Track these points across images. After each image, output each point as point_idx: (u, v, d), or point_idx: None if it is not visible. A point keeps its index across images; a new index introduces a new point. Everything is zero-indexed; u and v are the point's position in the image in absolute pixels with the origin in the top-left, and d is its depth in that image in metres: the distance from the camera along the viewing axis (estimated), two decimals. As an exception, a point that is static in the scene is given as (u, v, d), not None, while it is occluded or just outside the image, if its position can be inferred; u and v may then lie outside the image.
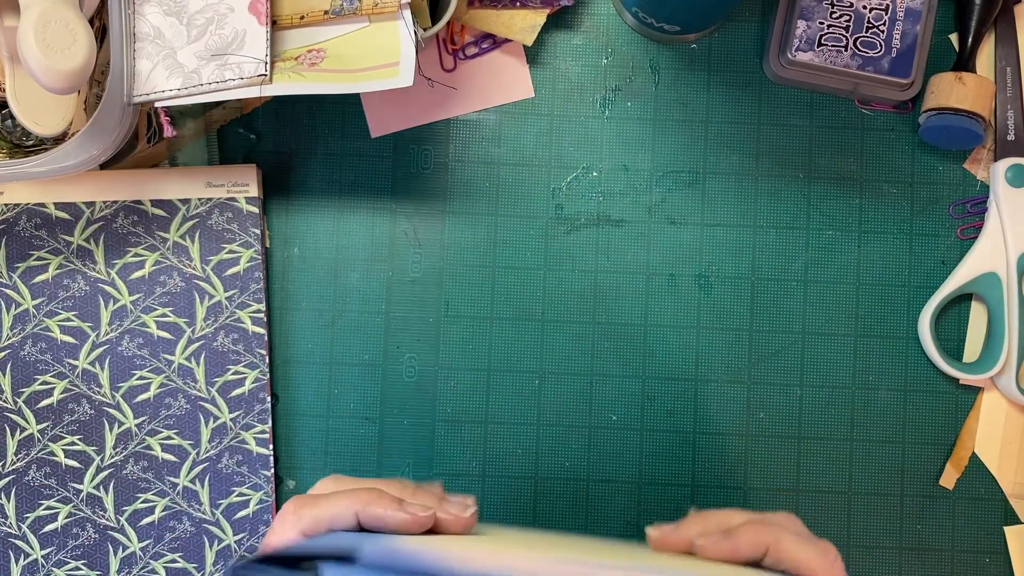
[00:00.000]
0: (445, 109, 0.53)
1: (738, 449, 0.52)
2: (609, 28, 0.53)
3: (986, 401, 0.52)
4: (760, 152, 0.53)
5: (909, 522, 0.52)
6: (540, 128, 0.53)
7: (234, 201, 0.51)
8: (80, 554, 0.51)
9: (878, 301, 0.52)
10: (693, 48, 0.53)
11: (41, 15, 0.40)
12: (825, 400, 0.52)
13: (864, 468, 0.52)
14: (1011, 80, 0.52)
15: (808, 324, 0.52)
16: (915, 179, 0.53)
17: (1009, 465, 0.52)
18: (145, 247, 0.51)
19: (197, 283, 0.51)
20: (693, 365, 0.52)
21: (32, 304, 0.51)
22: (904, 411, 0.52)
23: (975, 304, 0.53)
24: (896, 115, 0.53)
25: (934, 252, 0.53)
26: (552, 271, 0.53)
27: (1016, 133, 0.52)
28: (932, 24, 0.50)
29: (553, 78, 0.53)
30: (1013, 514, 0.52)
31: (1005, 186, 0.51)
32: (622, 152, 0.53)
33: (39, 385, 0.51)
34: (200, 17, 0.45)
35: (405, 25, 0.45)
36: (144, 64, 0.44)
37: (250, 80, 0.44)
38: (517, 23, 0.51)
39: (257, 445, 0.51)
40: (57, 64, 0.40)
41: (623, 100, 0.53)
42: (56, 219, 0.51)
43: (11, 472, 0.51)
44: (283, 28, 0.46)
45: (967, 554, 0.52)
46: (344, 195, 0.53)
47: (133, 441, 0.51)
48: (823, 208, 0.53)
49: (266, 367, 0.51)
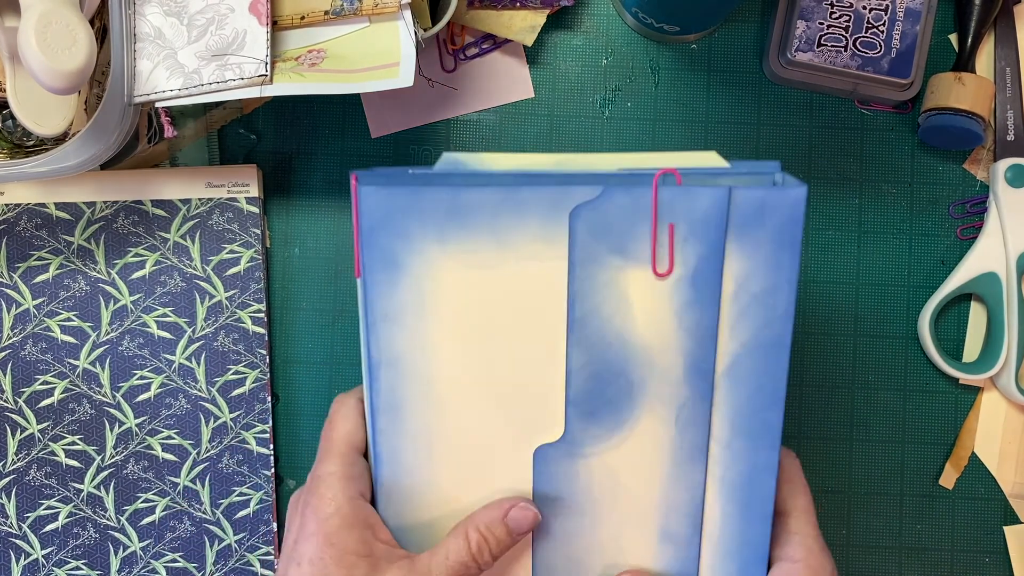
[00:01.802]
0: (445, 109, 0.53)
1: (738, 449, 0.52)
2: (609, 28, 0.53)
3: (986, 401, 0.52)
4: (760, 152, 0.53)
5: (909, 522, 0.52)
6: (540, 128, 0.53)
7: (235, 201, 0.51)
8: (81, 554, 0.51)
9: (878, 301, 0.53)
10: (693, 48, 0.53)
11: (42, 15, 0.40)
12: (825, 400, 0.52)
13: (864, 468, 0.52)
14: (1011, 80, 0.52)
15: (808, 324, 0.52)
16: (915, 179, 0.53)
17: (1009, 465, 0.52)
18: (146, 247, 0.51)
19: (198, 283, 0.51)
20: (693, 365, 0.52)
21: (33, 304, 0.51)
22: (904, 411, 0.52)
23: (975, 304, 0.53)
24: (896, 115, 0.53)
25: (934, 252, 0.53)
26: (552, 271, 0.53)
27: (1016, 133, 0.52)
28: (932, 24, 0.51)
29: (553, 78, 0.53)
30: (1013, 514, 0.52)
31: (1005, 186, 0.51)
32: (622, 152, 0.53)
33: (40, 385, 0.51)
34: (201, 17, 0.45)
35: (405, 25, 0.45)
36: (145, 64, 0.44)
37: (250, 80, 0.44)
38: (517, 23, 0.51)
39: (258, 445, 0.51)
40: (58, 64, 0.40)
41: (623, 100, 0.53)
42: (57, 219, 0.51)
43: (12, 472, 0.51)
44: (283, 28, 0.46)
45: (967, 554, 0.52)
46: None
47: (134, 441, 0.51)
48: (823, 208, 0.53)
49: (266, 367, 0.51)
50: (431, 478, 0.37)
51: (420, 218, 0.34)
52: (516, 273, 0.35)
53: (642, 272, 0.34)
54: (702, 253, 0.34)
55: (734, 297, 0.34)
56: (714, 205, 0.33)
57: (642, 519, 0.37)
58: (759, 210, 0.33)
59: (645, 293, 0.35)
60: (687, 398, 0.36)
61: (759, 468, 0.36)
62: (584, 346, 0.35)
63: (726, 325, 0.35)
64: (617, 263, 0.34)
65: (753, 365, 0.35)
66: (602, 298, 0.35)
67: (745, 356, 0.35)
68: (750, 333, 0.35)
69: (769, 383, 0.35)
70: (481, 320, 0.35)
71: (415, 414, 0.36)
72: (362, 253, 0.35)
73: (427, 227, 0.34)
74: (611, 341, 0.35)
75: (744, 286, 0.34)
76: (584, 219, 0.34)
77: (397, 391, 0.36)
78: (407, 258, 0.35)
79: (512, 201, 0.34)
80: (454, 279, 0.35)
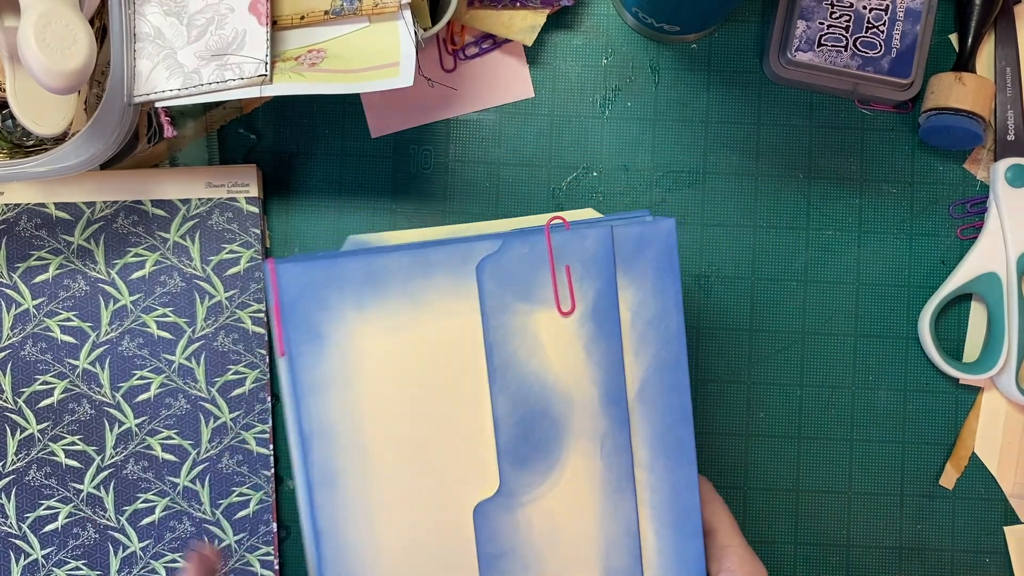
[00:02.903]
0: (445, 109, 0.53)
1: (738, 449, 0.52)
2: (609, 28, 0.53)
3: (986, 401, 0.52)
4: (760, 152, 0.53)
5: (909, 522, 0.52)
6: (540, 128, 0.53)
7: (234, 201, 0.51)
8: (80, 554, 0.51)
9: (878, 301, 0.53)
10: (693, 48, 0.53)
11: (41, 15, 0.40)
12: (825, 400, 0.52)
13: (864, 468, 0.52)
14: (1011, 80, 0.52)
15: (808, 324, 0.52)
16: (915, 179, 0.53)
17: (1009, 465, 0.52)
18: (145, 247, 0.51)
19: (197, 283, 0.51)
20: (694, 365, 0.52)
21: (32, 304, 0.51)
22: (904, 411, 0.52)
23: (975, 304, 0.53)
24: (896, 115, 0.53)
25: (934, 252, 0.53)
26: (552, 271, 0.53)
27: (1016, 133, 0.52)
28: (932, 24, 0.50)
29: (553, 78, 0.53)
30: (1013, 514, 0.52)
31: (1005, 186, 0.51)
32: (622, 152, 0.53)
33: (39, 385, 0.51)
34: (200, 17, 0.45)
35: (405, 25, 0.45)
36: (144, 64, 0.44)
37: (250, 80, 0.44)
38: (517, 23, 0.51)
39: (257, 445, 0.51)
40: (57, 64, 0.40)
41: (623, 100, 0.53)
42: (56, 219, 0.51)
43: (11, 472, 0.51)
44: (283, 28, 0.46)
45: (967, 554, 0.52)
46: (344, 195, 0.53)
47: (133, 441, 0.51)
48: (823, 208, 0.53)
49: (266, 367, 0.51)
50: (375, 551, 0.37)
51: (338, 288, 0.36)
52: (434, 331, 0.36)
53: (549, 313, 0.37)
54: (598, 288, 0.37)
55: (632, 325, 0.37)
56: (601, 243, 0.37)
57: (584, 559, 0.38)
58: (638, 243, 0.37)
59: (554, 333, 0.37)
60: (607, 428, 0.37)
61: (682, 486, 0.38)
62: (507, 393, 0.37)
63: (630, 352, 0.37)
64: (525, 308, 0.37)
65: (659, 385, 0.38)
66: (517, 343, 0.37)
67: (650, 378, 0.38)
68: (651, 356, 0.38)
69: (675, 400, 0.38)
70: (407, 381, 0.37)
71: (352, 485, 0.37)
72: (284, 329, 0.36)
73: (345, 296, 0.36)
74: (531, 384, 0.37)
75: (639, 314, 0.37)
76: (489, 271, 0.36)
77: (331, 463, 0.36)
78: (329, 328, 0.36)
79: (422, 263, 0.36)
80: (376, 344, 0.36)
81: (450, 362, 0.37)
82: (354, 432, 0.36)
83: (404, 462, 0.37)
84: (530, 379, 0.37)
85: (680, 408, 0.38)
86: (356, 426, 0.36)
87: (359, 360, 0.36)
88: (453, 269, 0.36)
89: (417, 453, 0.37)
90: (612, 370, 0.37)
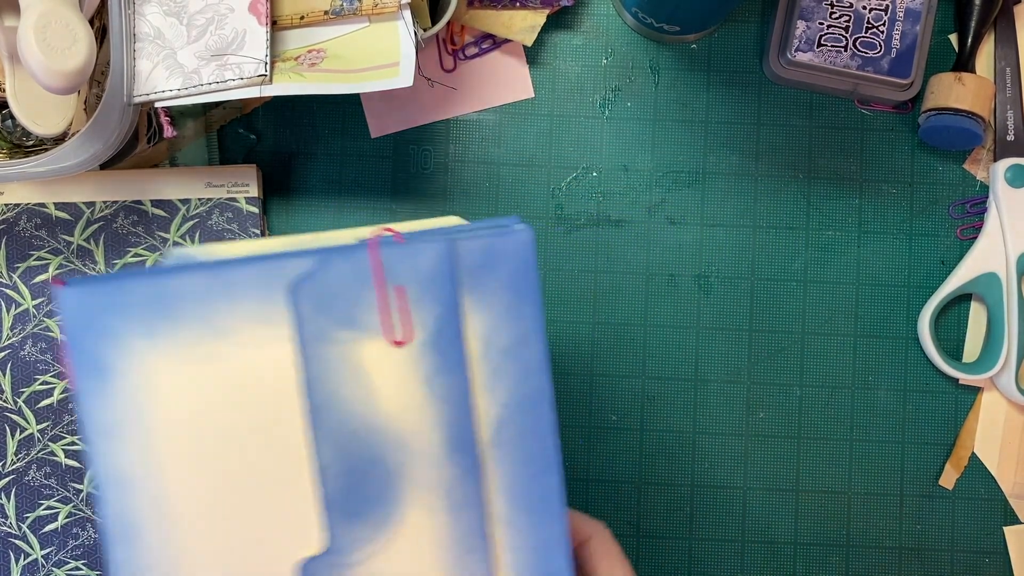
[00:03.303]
0: (445, 109, 0.53)
1: (738, 449, 0.52)
2: (609, 28, 0.53)
3: (986, 401, 0.52)
4: (760, 152, 0.53)
5: (909, 522, 0.52)
6: (540, 128, 0.53)
7: (234, 201, 0.51)
8: (80, 554, 0.51)
9: (878, 301, 0.53)
10: (693, 48, 0.53)
11: (41, 15, 0.40)
12: (825, 400, 0.52)
13: (864, 468, 0.52)
14: (1011, 80, 0.52)
15: (808, 324, 0.52)
16: (915, 179, 0.53)
17: (1008, 465, 0.52)
18: (145, 247, 0.51)
19: (197, 283, 0.51)
20: (693, 365, 0.52)
21: (32, 304, 0.51)
22: (904, 411, 0.52)
23: (975, 304, 0.53)
24: (896, 115, 0.53)
25: (934, 252, 0.53)
26: (552, 271, 0.53)
27: (1016, 133, 0.52)
28: (932, 24, 0.51)
29: (553, 78, 0.53)
30: (1012, 514, 0.52)
31: (1004, 186, 0.51)
32: (622, 152, 0.53)
33: (39, 385, 0.51)
34: (200, 17, 0.45)
35: (405, 25, 0.45)
36: (144, 64, 0.44)
37: (250, 80, 0.44)
38: (517, 23, 0.51)
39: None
40: (57, 64, 0.40)
41: (623, 100, 0.53)
42: (56, 219, 0.51)
43: (11, 472, 0.51)
44: (283, 28, 0.46)
45: (967, 554, 0.52)
46: (344, 195, 0.53)
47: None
48: (823, 208, 0.53)
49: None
50: None
51: (123, 313, 0.31)
52: (240, 364, 0.31)
53: (377, 343, 0.32)
54: (439, 313, 0.32)
55: (484, 356, 0.32)
56: (439, 260, 0.31)
57: None
58: (487, 259, 0.32)
59: (386, 366, 0.32)
60: (454, 478, 0.32)
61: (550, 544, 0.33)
62: (331, 438, 0.32)
63: (482, 387, 0.33)
64: (347, 336, 0.32)
65: (519, 426, 0.33)
66: (340, 379, 0.32)
67: (508, 418, 0.33)
68: (508, 392, 0.33)
69: (538, 443, 0.33)
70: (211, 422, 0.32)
71: (154, 542, 0.32)
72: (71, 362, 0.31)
73: (131, 322, 0.31)
74: (358, 427, 0.32)
75: (492, 342, 0.32)
76: (305, 293, 0.31)
77: (129, 515, 0.32)
78: (116, 361, 0.31)
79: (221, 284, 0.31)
80: (172, 379, 0.31)
81: (261, 400, 0.31)
82: (154, 482, 0.31)
83: (212, 515, 0.32)
84: (356, 422, 0.32)
85: (544, 453, 0.32)
86: (156, 475, 0.31)
87: (153, 396, 0.31)
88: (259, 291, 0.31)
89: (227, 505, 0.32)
90: (458, 410, 0.32)
